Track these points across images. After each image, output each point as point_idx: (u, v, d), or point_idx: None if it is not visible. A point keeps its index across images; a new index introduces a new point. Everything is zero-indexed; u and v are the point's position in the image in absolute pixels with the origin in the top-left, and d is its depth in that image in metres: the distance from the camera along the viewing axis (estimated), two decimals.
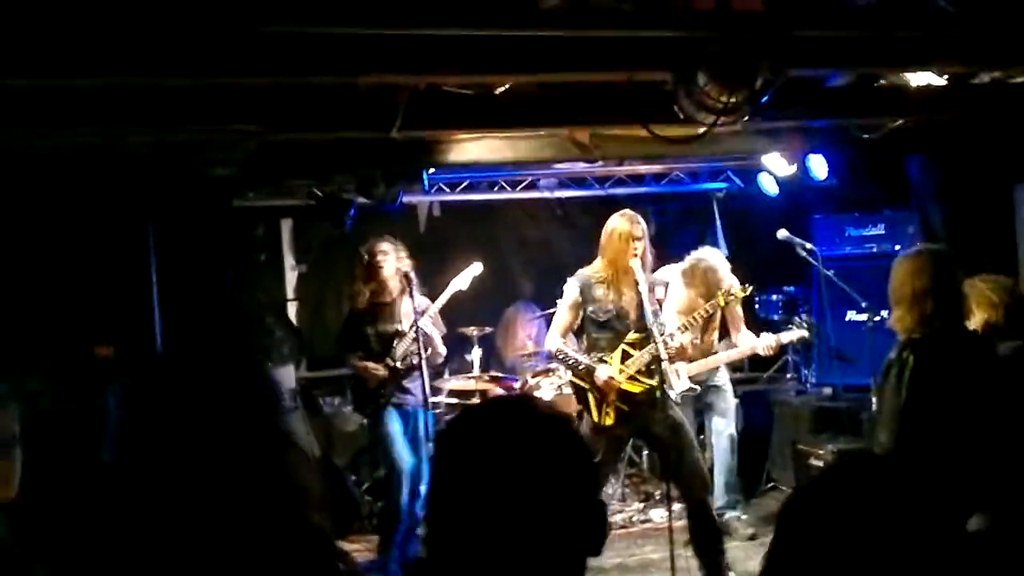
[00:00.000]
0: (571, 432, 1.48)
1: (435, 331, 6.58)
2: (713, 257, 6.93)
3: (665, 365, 5.63)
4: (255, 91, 4.56)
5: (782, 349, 8.16)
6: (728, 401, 7.07)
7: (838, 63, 4.24)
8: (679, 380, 6.37)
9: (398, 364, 6.47)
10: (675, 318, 6.53)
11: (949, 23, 3.59)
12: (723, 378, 7.10)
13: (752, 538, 6.75)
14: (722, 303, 6.38)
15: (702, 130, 4.02)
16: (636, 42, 3.69)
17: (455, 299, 6.76)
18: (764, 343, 6.81)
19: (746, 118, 3.94)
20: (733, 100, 3.55)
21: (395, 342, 6.50)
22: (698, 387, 6.62)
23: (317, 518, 1.72)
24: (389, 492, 6.50)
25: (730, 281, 6.71)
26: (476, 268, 6.84)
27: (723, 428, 7.05)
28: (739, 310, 6.97)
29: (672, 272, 6.98)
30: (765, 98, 3.77)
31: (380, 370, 6.45)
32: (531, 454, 1.43)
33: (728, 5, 3.25)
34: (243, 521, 1.62)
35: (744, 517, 7.07)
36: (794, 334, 6.99)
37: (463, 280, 6.78)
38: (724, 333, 7.14)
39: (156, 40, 3.67)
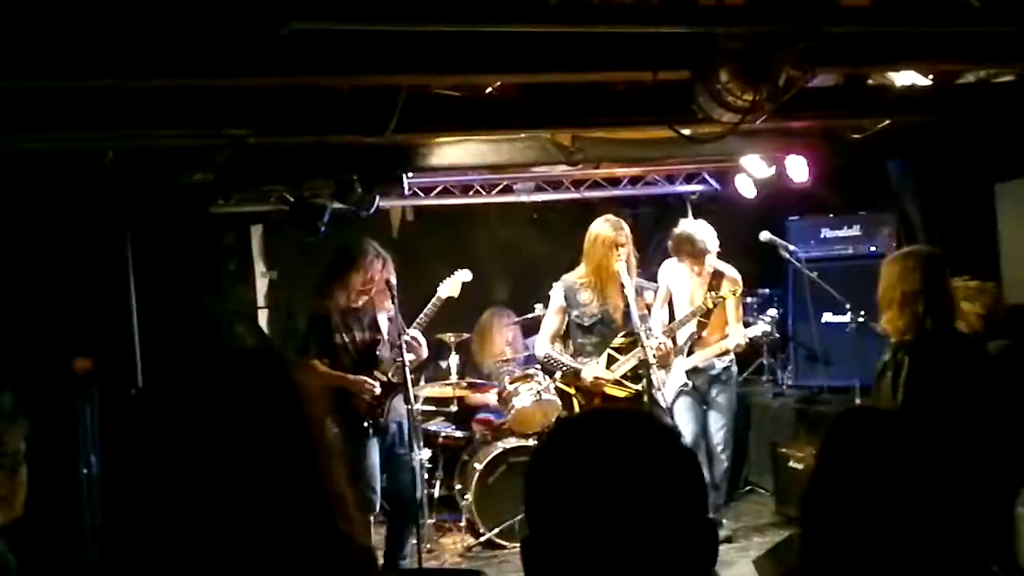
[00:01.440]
0: (684, 446, 1.40)
1: (419, 334, 6.35)
2: (690, 226, 6.86)
3: (653, 370, 5.60)
4: (237, 94, 4.41)
5: (756, 349, 8.21)
6: (726, 396, 6.82)
7: (864, 60, 4.18)
8: (674, 376, 6.34)
9: (391, 377, 6.12)
10: (686, 309, 6.56)
11: (976, 19, 3.55)
12: (721, 365, 6.82)
13: (727, 540, 6.70)
14: (710, 305, 6.33)
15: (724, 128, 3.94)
16: (654, 38, 3.58)
17: (426, 305, 6.58)
18: (734, 340, 6.70)
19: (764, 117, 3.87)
20: (756, 98, 3.48)
21: (378, 351, 6.17)
22: (690, 383, 6.53)
23: (357, 528, 1.64)
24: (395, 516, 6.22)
25: (714, 249, 6.70)
26: (464, 275, 6.67)
27: (715, 425, 6.79)
28: (739, 309, 6.86)
29: (668, 264, 6.93)
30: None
31: (375, 385, 6.05)
32: (644, 468, 1.35)
33: None
34: (274, 531, 1.54)
35: (724, 521, 7.01)
36: (758, 328, 6.94)
37: (452, 287, 6.59)
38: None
39: (138, 42, 3.54)
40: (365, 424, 6.07)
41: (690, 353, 6.69)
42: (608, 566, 1.30)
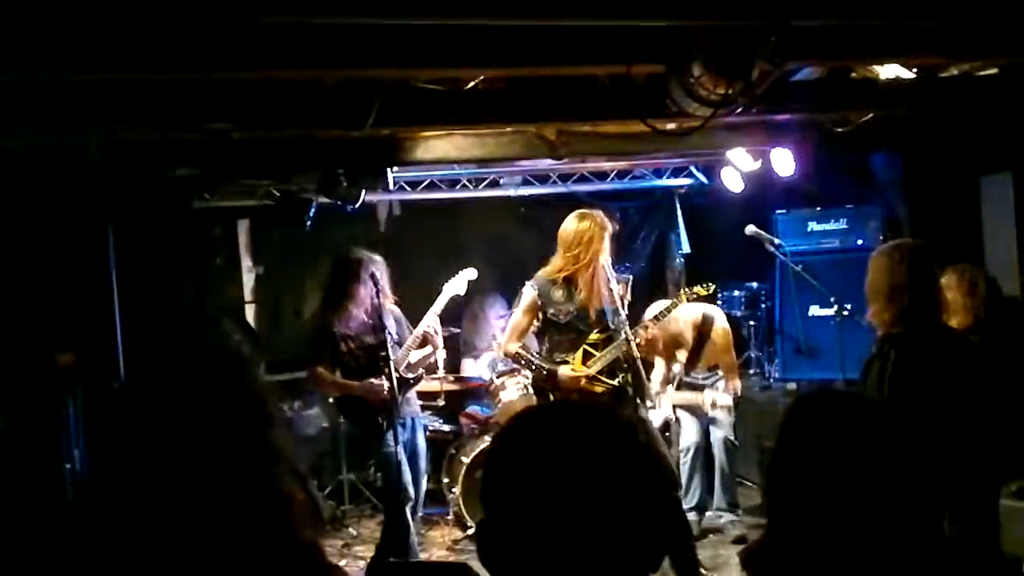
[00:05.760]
0: (639, 438, 1.42)
1: (436, 323, 6.31)
2: None
3: (637, 362, 5.57)
4: (220, 89, 4.39)
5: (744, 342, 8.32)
6: (724, 411, 6.99)
7: (836, 55, 4.16)
8: (662, 410, 6.45)
9: (408, 375, 6.18)
10: None
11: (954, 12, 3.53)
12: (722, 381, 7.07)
13: (741, 540, 6.68)
14: (684, 300, 6.26)
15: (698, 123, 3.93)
16: (627, 32, 3.55)
17: (415, 300, 6.56)
18: (724, 399, 6.88)
19: (739, 110, 3.85)
20: (729, 92, 3.46)
21: (385, 351, 6.00)
22: (674, 417, 6.67)
23: (309, 533, 1.65)
24: (390, 512, 6.17)
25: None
26: (470, 273, 6.59)
27: (716, 433, 6.99)
28: (731, 356, 7.08)
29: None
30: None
31: (383, 388, 5.99)
32: (594, 457, 1.37)
33: None
34: (230, 537, 1.55)
35: (737, 520, 7.05)
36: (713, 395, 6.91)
37: (459, 284, 6.52)
38: None
39: (120, 35, 3.52)
40: (380, 419, 6.05)
41: (678, 388, 6.88)
42: (560, 550, 1.33)
